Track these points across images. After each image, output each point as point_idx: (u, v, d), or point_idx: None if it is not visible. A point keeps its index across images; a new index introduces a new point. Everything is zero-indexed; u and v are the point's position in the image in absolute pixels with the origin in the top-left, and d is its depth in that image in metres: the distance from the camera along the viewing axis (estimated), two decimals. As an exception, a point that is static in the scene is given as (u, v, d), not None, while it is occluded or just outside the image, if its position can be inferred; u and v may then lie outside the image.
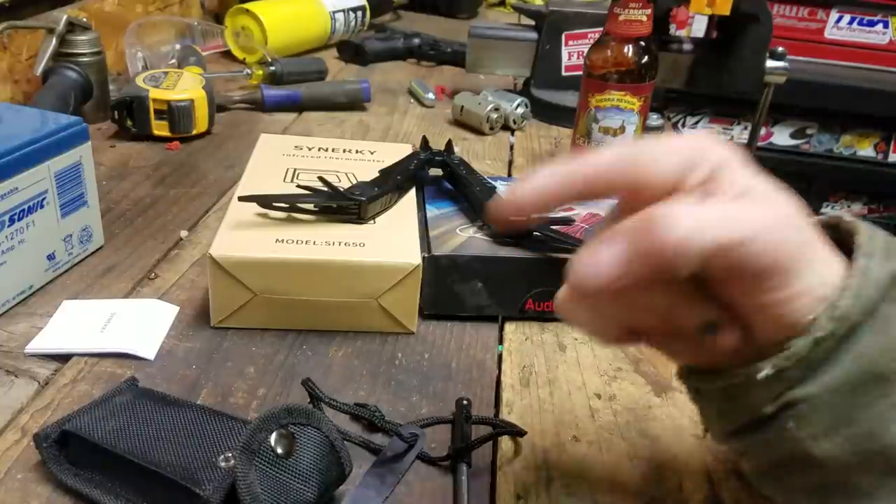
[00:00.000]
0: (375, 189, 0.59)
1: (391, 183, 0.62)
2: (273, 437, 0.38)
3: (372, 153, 0.71)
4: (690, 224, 0.28)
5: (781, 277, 0.30)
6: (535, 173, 0.32)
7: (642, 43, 0.79)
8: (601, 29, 0.81)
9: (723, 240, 0.28)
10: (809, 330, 0.30)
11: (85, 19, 0.92)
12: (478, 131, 0.99)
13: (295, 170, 0.65)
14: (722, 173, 0.31)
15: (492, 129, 0.99)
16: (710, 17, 1.06)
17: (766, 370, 0.31)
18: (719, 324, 0.32)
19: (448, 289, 0.57)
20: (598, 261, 0.29)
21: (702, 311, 0.32)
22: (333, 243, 0.55)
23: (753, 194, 0.31)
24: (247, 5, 1.19)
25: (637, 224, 0.29)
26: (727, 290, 0.31)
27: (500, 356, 0.55)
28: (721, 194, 0.30)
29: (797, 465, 0.32)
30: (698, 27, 1.49)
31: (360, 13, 1.35)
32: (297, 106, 1.03)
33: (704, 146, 0.31)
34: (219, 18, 1.34)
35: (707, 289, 0.32)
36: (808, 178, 1.79)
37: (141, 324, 0.55)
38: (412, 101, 1.11)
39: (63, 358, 0.52)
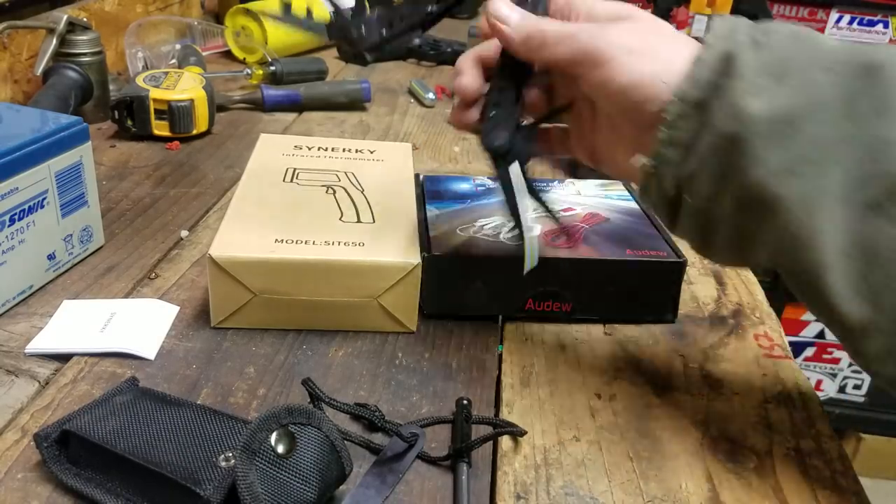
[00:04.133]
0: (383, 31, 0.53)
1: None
2: (273, 437, 0.38)
3: (372, 153, 0.71)
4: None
5: (586, 67, 0.43)
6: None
7: (642, 43, 0.79)
8: (601, 29, 0.80)
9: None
10: (667, 112, 0.40)
11: (85, 19, 0.92)
12: (478, 130, 0.99)
13: (295, 169, 0.66)
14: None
15: (492, 128, 0.99)
16: (710, 18, 1.06)
17: (644, 159, 0.42)
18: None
19: (448, 289, 0.57)
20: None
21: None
22: (333, 243, 0.55)
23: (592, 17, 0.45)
24: (247, 5, 1.19)
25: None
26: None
27: (500, 356, 0.55)
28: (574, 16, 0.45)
29: (711, 229, 0.42)
30: (698, 27, 1.49)
31: (360, 13, 1.35)
32: (297, 106, 1.03)
33: None
34: (219, 18, 1.34)
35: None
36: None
37: (141, 324, 0.55)
38: (412, 101, 1.11)
39: (63, 358, 0.52)
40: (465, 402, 0.49)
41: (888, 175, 0.36)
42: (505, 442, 0.47)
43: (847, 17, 1.68)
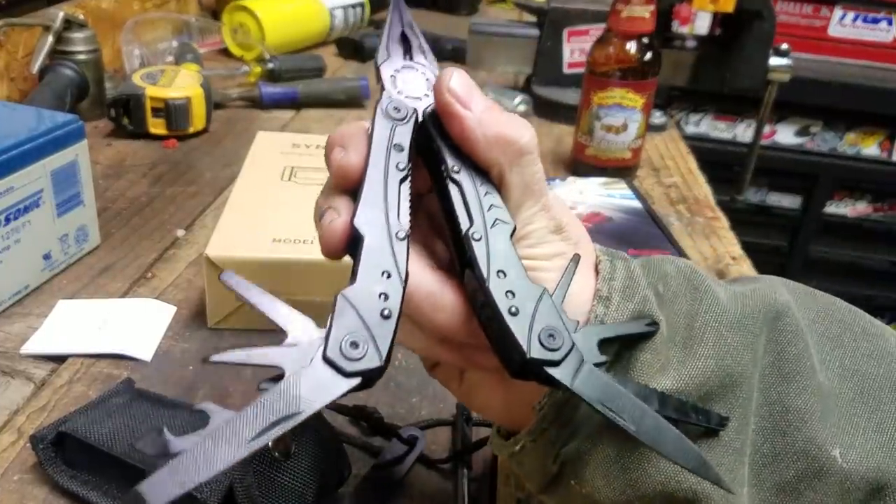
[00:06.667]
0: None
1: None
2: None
3: (371, 151, 0.70)
4: None
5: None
6: None
7: (645, 40, 0.78)
8: (603, 25, 0.80)
9: None
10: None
11: (81, 17, 0.91)
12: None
13: (293, 167, 0.65)
14: None
15: (492, 126, 0.98)
16: (714, 14, 1.06)
17: (524, 433, 0.31)
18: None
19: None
20: None
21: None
22: (332, 242, 0.54)
23: None
24: (244, 2, 1.18)
25: None
26: None
27: (500, 356, 0.55)
28: None
29: None
30: (701, 24, 1.49)
31: (359, 9, 1.35)
32: (295, 103, 1.02)
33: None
34: (216, 15, 1.34)
35: None
36: (812, 177, 1.78)
37: (137, 324, 0.54)
38: (412, 98, 1.10)
39: (59, 359, 0.51)
40: (465, 403, 0.48)
41: (799, 453, 0.31)
42: (506, 444, 0.46)
43: (851, 15, 1.67)
